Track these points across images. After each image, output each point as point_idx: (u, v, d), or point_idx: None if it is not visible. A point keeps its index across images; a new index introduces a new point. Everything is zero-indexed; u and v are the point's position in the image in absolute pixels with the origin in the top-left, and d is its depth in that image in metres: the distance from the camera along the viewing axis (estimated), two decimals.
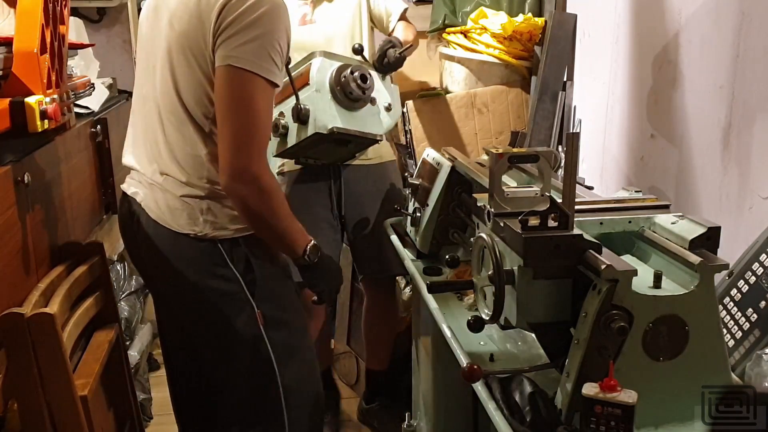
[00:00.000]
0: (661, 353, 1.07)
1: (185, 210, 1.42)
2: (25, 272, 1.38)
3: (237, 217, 1.43)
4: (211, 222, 1.42)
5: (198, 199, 1.42)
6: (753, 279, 1.31)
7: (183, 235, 1.42)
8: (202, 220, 1.42)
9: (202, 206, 1.42)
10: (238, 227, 1.45)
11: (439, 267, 1.76)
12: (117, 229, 2.25)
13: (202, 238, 1.42)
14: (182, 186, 1.42)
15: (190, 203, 1.42)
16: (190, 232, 1.42)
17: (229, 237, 1.44)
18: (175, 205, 1.42)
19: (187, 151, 1.41)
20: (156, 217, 1.44)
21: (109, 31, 2.90)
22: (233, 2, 1.31)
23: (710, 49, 1.79)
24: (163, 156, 1.44)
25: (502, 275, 1.14)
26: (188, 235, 1.42)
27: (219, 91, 1.34)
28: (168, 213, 1.43)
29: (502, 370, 1.22)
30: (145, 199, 1.46)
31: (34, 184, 1.42)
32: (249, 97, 1.32)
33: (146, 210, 1.45)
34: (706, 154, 1.81)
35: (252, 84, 1.32)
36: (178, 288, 1.48)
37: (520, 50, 2.87)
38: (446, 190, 1.71)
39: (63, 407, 1.32)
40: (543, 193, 1.26)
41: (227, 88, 1.32)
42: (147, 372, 2.78)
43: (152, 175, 1.45)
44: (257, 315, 1.46)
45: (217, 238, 1.43)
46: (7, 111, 1.39)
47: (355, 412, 2.66)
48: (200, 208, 1.42)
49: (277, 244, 1.51)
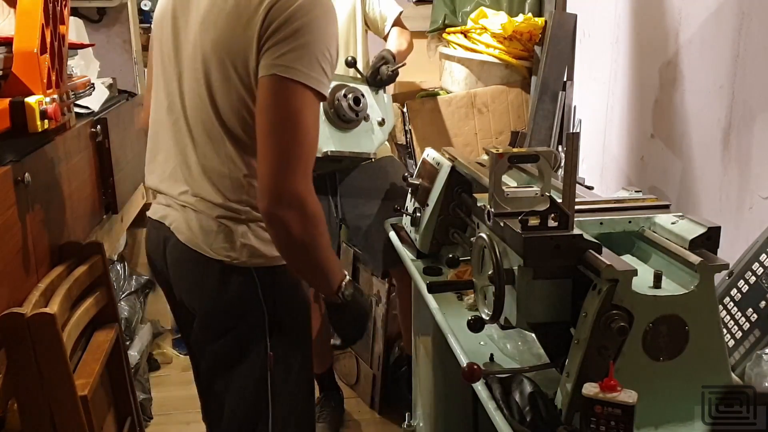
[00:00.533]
0: (661, 353, 1.07)
1: (221, 232, 1.29)
2: (25, 272, 1.38)
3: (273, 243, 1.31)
4: (249, 247, 1.30)
5: (235, 222, 1.30)
6: (753, 279, 1.31)
7: (216, 261, 1.30)
8: (240, 245, 1.30)
9: (239, 229, 1.30)
10: (275, 255, 1.31)
11: (439, 267, 1.76)
12: (117, 229, 2.26)
13: (237, 265, 1.30)
14: (217, 207, 1.29)
15: (228, 225, 1.29)
16: (225, 259, 1.30)
17: (264, 265, 1.32)
18: (210, 226, 1.30)
19: (223, 172, 1.28)
20: (186, 240, 1.32)
21: (109, 31, 2.90)
22: (279, 7, 1.18)
23: (710, 49, 1.79)
24: (195, 176, 1.31)
25: (502, 275, 1.14)
26: (222, 262, 1.30)
27: (263, 104, 1.19)
28: (201, 236, 1.31)
29: (502, 370, 1.22)
30: (175, 221, 1.35)
31: (34, 184, 1.42)
32: (297, 111, 1.18)
33: (176, 233, 1.34)
34: (706, 154, 1.81)
35: (301, 96, 1.18)
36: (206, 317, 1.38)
37: (520, 50, 2.87)
38: (446, 190, 1.71)
39: (63, 407, 1.32)
40: (543, 193, 1.26)
41: (273, 101, 1.18)
42: (147, 372, 2.79)
43: (182, 196, 1.33)
44: (269, 357, 1.36)
45: (253, 266, 1.31)
46: (7, 111, 1.39)
47: (356, 412, 2.67)
48: (238, 232, 1.30)
49: (311, 278, 1.38)
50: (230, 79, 1.24)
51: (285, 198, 1.19)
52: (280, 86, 1.18)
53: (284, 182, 1.18)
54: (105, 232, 2.05)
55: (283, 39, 1.17)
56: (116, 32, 2.91)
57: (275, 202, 1.19)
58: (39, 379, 1.28)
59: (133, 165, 2.40)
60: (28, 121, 1.41)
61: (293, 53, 1.17)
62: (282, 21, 1.17)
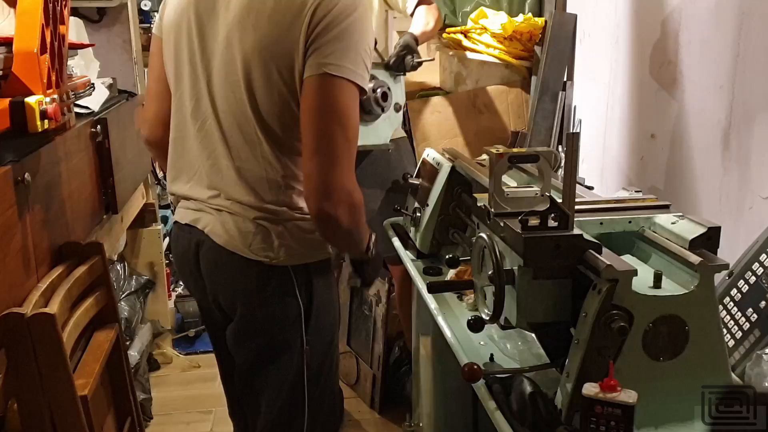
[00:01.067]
0: (661, 353, 1.07)
1: (259, 233, 1.32)
2: (25, 272, 1.38)
3: (311, 242, 1.35)
4: (286, 247, 1.33)
5: (272, 223, 1.32)
6: (753, 279, 1.31)
7: (255, 261, 1.33)
8: (277, 245, 1.32)
9: (277, 230, 1.32)
10: (312, 252, 1.37)
11: (439, 267, 1.76)
12: (117, 229, 2.26)
13: (275, 265, 1.33)
14: (254, 209, 1.31)
15: (265, 226, 1.32)
16: (264, 259, 1.32)
17: (301, 263, 1.36)
18: (247, 228, 1.32)
19: (260, 174, 1.30)
20: (224, 243, 1.34)
21: (109, 31, 2.90)
22: (323, 7, 1.20)
23: (710, 49, 1.79)
24: (228, 179, 1.32)
25: (502, 275, 1.14)
26: (261, 263, 1.33)
27: (313, 103, 1.21)
28: (239, 238, 1.32)
29: (502, 370, 1.22)
30: (209, 225, 1.36)
31: (34, 184, 1.42)
32: (346, 107, 1.21)
33: (212, 236, 1.35)
34: (706, 154, 1.81)
35: (348, 92, 1.21)
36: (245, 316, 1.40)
37: (520, 50, 2.88)
38: (446, 190, 1.71)
39: (63, 407, 1.32)
40: (543, 193, 1.26)
41: (323, 99, 1.20)
42: (147, 372, 2.79)
43: (215, 200, 1.35)
44: (305, 351, 1.41)
45: (290, 264, 1.34)
46: (7, 111, 1.39)
47: (356, 412, 2.67)
48: (276, 232, 1.32)
49: (347, 249, 1.46)
50: (273, 80, 1.25)
51: (335, 195, 1.22)
52: (330, 84, 1.20)
53: (334, 180, 1.21)
54: (105, 232, 2.05)
55: (330, 40, 1.20)
56: (116, 32, 2.91)
57: (326, 200, 1.22)
58: (39, 379, 1.28)
59: (133, 165, 2.40)
60: (28, 121, 1.41)
61: (340, 52, 1.20)
62: (327, 22, 1.20)
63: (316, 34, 1.20)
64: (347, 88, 1.21)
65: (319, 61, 1.20)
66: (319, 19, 1.20)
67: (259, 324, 1.39)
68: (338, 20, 1.20)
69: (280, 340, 1.40)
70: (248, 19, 1.26)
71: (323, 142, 1.20)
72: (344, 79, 1.21)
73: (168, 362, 3.06)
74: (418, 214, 1.79)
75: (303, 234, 1.34)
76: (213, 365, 3.06)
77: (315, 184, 1.22)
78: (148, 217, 2.94)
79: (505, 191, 1.24)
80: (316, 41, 1.20)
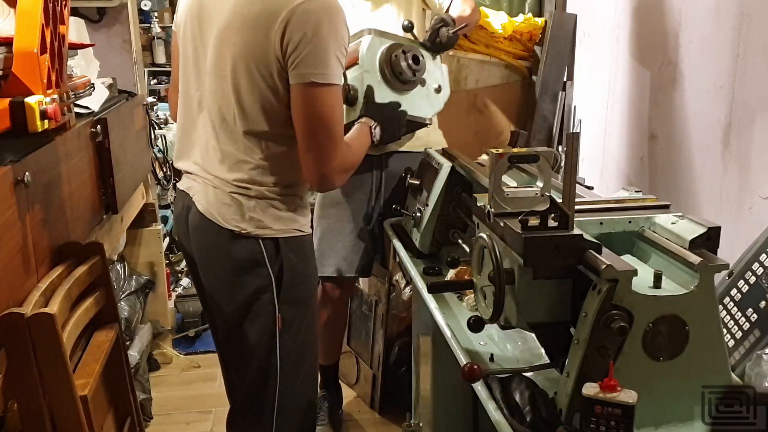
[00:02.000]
0: (661, 353, 1.07)
1: (233, 205, 1.49)
2: (25, 272, 1.38)
3: (281, 218, 1.52)
4: (256, 220, 1.49)
5: (246, 198, 1.49)
6: (753, 279, 1.31)
7: (227, 230, 1.49)
8: (248, 218, 1.49)
9: (249, 204, 1.49)
10: (280, 228, 1.52)
11: (439, 267, 1.76)
12: (117, 229, 2.26)
13: (246, 235, 1.49)
14: (230, 184, 1.49)
15: (239, 200, 1.49)
16: (234, 228, 1.49)
17: (270, 236, 1.51)
18: (224, 200, 1.50)
19: (239, 158, 1.48)
20: (204, 210, 1.52)
21: (109, 31, 2.90)
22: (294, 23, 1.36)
23: (710, 49, 1.79)
24: (213, 160, 1.51)
25: (502, 275, 1.14)
26: (233, 231, 1.49)
27: (298, 109, 1.42)
28: (215, 207, 1.50)
29: (502, 370, 1.22)
30: (197, 193, 1.55)
31: (34, 184, 1.42)
32: (328, 108, 1.42)
33: (196, 203, 1.54)
34: (706, 154, 1.81)
35: (329, 94, 1.41)
36: (216, 278, 1.57)
37: (520, 50, 2.87)
38: (446, 190, 1.71)
39: (63, 407, 1.32)
40: (543, 193, 1.26)
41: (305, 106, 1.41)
42: (147, 372, 2.79)
43: (204, 174, 1.53)
44: (278, 319, 1.54)
45: (260, 236, 1.50)
46: (7, 111, 1.39)
47: (356, 412, 2.67)
48: (248, 206, 1.49)
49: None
50: (254, 78, 1.43)
51: (328, 180, 1.49)
52: (312, 92, 1.40)
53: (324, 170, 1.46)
54: (105, 232, 2.05)
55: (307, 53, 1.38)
56: (116, 32, 2.91)
57: (322, 185, 1.51)
58: (39, 379, 1.28)
59: (133, 165, 2.40)
60: (28, 121, 1.41)
61: (317, 61, 1.38)
62: (300, 37, 1.37)
63: (292, 47, 1.38)
64: (326, 90, 1.41)
65: (299, 72, 1.39)
66: (291, 34, 1.37)
67: (230, 286, 1.54)
68: (308, 30, 1.37)
69: (251, 306, 1.54)
70: (235, 23, 1.43)
71: (312, 143, 1.44)
72: (323, 84, 1.40)
73: (168, 362, 3.06)
74: (418, 214, 1.79)
75: (273, 210, 1.51)
76: (213, 365, 3.06)
77: (312, 175, 1.47)
78: (148, 217, 2.94)
79: (505, 191, 1.24)
80: (294, 54, 1.38)
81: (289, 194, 1.53)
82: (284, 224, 1.52)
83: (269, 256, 1.51)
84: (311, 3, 1.37)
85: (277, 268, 1.52)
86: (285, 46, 1.38)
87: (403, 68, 1.83)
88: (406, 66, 1.84)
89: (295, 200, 1.55)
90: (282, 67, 1.41)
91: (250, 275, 1.51)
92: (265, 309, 1.54)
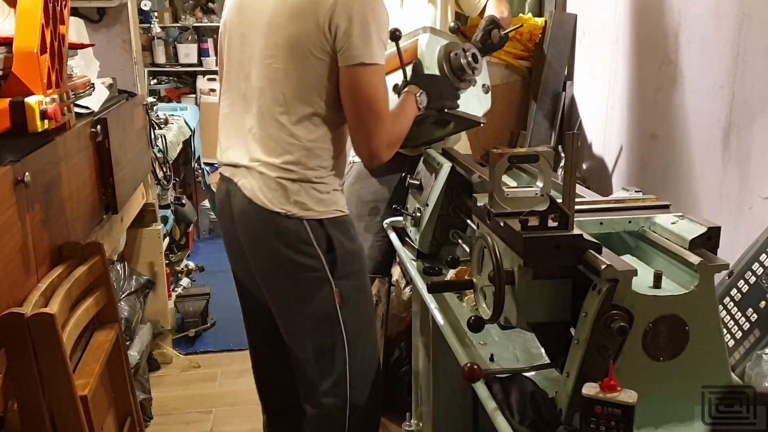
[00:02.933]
0: (661, 353, 1.07)
1: (278, 190, 1.57)
2: (25, 272, 1.38)
3: (323, 200, 1.60)
4: (300, 203, 1.57)
5: (291, 182, 1.57)
6: (753, 279, 1.31)
7: (274, 212, 1.57)
8: (293, 201, 1.57)
9: (294, 188, 1.57)
10: (323, 209, 1.60)
11: (439, 267, 1.76)
12: (117, 229, 2.26)
13: (290, 216, 1.57)
14: (277, 169, 1.57)
15: (284, 184, 1.57)
16: (280, 211, 1.57)
17: (314, 218, 1.59)
18: (269, 185, 1.57)
19: (287, 141, 1.56)
20: (250, 195, 1.60)
21: (109, 31, 2.89)
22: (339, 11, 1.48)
23: (710, 49, 1.79)
24: (260, 146, 1.59)
25: (502, 275, 1.14)
26: (279, 213, 1.57)
27: (347, 91, 1.53)
28: (260, 192, 1.58)
29: (502, 370, 1.22)
30: (241, 179, 1.62)
31: (34, 184, 1.42)
32: (373, 88, 1.52)
33: (241, 189, 1.61)
34: (706, 154, 1.81)
35: (374, 74, 1.51)
36: (267, 259, 1.64)
37: (520, 50, 2.87)
38: (446, 190, 1.71)
39: (63, 407, 1.32)
40: (543, 193, 1.26)
41: (355, 88, 1.52)
42: (147, 372, 2.79)
43: (248, 162, 1.60)
44: (335, 293, 1.62)
45: (304, 218, 1.58)
46: (7, 111, 1.39)
47: None
48: (292, 189, 1.57)
49: None
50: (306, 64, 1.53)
51: (376, 156, 1.58)
52: (358, 72, 1.51)
53: (372, 147, 1.56)
54: (105, 232, 2.05)
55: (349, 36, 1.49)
56: (116, 32, 2.91)
57: (371, 160, 1.60)
58: (39, 379, 1.28)
59: (133, 165, 2.40)
60: (28, 121, 1.41)
61: (359, 43, 1.49)
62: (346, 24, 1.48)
63: (341, 34, 1.49)
64: (372, 70, 1.51)
65: (348, 55, 1.50)
66: (338, 22, 1.48)
67: (280, 266, 1.62)
68: (356, 20, 1.48)
69: (306, 284, 1.61)
70: (283, 12, 1.53)
71: (360, 121, 1.54)
72: (369, 64, 1.50)
73: (168, 362, 3.06)
74: (418, 214, 1.79)
75: (315, 193, 1.59)
76: (213, 365, 3.06)
77: (361, 151, 1.58)
78: (148, 217, 2.93)
79: (505, 191, 1.24)
80: (342, 39, 1.49)
81: (329, 177, 1.61)
82: (326, 206, 1.60)
83: (316, 235, 1.58)
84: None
85: (325, 246, 1.60)
86: (333, 32, 1.49)
87: (464, 65, 1.83)
88: (466, 63, 1.83)
89: (334, 183, 1.63)
90: (332, 52, 1.51)
91: (301, 255, 1.59)
92: (322, 286, 1.61)
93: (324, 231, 1.60)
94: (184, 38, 5.61)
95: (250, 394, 2.85)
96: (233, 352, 3.16)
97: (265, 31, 1.56)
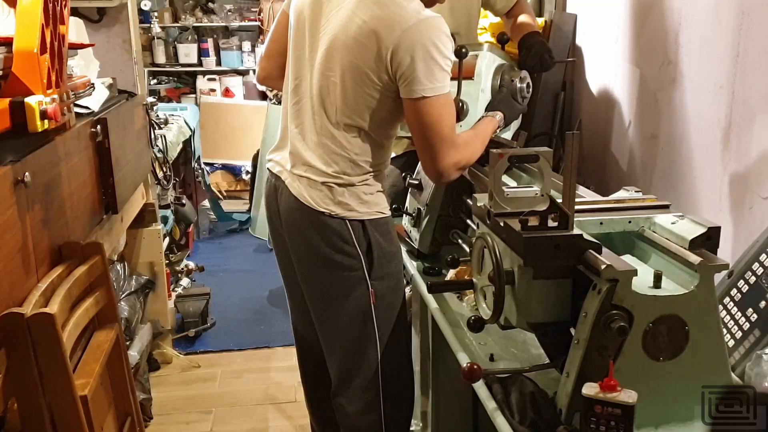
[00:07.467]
0: (661, 353, 1.07)
1: (323, 192, 1.62)
2: (25, 272, 1.38)
3: (365, 202, 1.64)
4: (344, 204, 1.62)
5: (336, 186, 1.62)
6: (753, 279, 1.31)
7: (318, 211, 1.62)
8: (337, 201, 1.62)
9: (339, 190, 1.62)
10: (366, 210, 1.64)
11: (439, 267, 1.76)
12: (117, 229, 2.26)
13: (334, 216, 1.62)
14: (323, 175, 1.62)
15: (330, 185, 1.62)
16: (325, 210, 1.62)
17: (357, 218, 1.63)
18: (316, 187, 1.63)
19: (333, 150, 1.61)
20: (296, 194, 1.65)
21: (109, 31, 2.89)
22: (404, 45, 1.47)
23: (710, 49, 1.79)
24: (308, 149, 1.64)
25: (502, 275, 1.14)
26: (323, 213, 1.62)
27: (411, 119, 1.55)
28: (306, 192, 1.63)
29: (502, 370, 1.22)
30: (287, 178, 1.68)
31: (34, 184, 1.42)
32: (437, 117, 1.52)
33: (288, 187, 1.67)
34: (706, 154, 1.81)
35: (438, 105, 1.51)
36: (306, 256, 1.69)
37: None
38: (446, 191, 1.71)
39: (63, 407, 1.32)
40: (543, 193, 1.26)
41: (418, 117, 1.52)
42: (147, 372, 2.78)
43: (296, 164, 1.66)
44: (371, 293, 1.65)
45: (347, 218, 1.62)
46: (7, 111, 1.39)
47: None
48: (337, 191, 1.62)
49: None
50: (363, 84, 1.56)
51: (444, 176, 1.58)
52: (422, 105, 1.51)
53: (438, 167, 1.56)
54: (105, 232, 2.05)
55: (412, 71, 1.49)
56: (116, 32, 2.90)
57: (439, 179, 1.62)
58: (39, 379, 1.28)
59: (133, 165, 2.40)
60: (28, 121, 1.41)
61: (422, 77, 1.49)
62: (409, 59, 1.48)
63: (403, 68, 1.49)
64: (435, 101, 1.51)
65: (410, 89, 1.50)
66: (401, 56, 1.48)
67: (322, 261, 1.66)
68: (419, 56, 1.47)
69: (343, 282, 1.65)
70: (350, 30, 1.54)
71: (426, 145, 1.55)
72: (432, 96, 1.50)
73: (168, 362, 3.06)
74: (418, 213, 1.79)
75: (361, 196, 1.63)
76: (213, 365, 3.06)
77: (428, 171, 1.60)
78: (148, 217, 2.93)
79: (505, 191, 1.24)
80: (404, 74, 1.50)
81: (372, 181, 1.65)
82: (369, 207, 1.64)
83: (356, 236, 1.62)
84: (421, 24, 1.48)
85: (365, 247, 1.63)
86: (396, 65, 1.50)
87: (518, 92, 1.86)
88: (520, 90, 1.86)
89: (376, 185, 1.67)
90: (391, 80, 1.53)
91: (341, 254, 1.63)
92: (358, 285, 1.64)
93: (365, 232, 1.64)
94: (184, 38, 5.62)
95: (250, 394, 2.87)
96: (233, 352, 3.16)
97: (327, 46, 1.58)
